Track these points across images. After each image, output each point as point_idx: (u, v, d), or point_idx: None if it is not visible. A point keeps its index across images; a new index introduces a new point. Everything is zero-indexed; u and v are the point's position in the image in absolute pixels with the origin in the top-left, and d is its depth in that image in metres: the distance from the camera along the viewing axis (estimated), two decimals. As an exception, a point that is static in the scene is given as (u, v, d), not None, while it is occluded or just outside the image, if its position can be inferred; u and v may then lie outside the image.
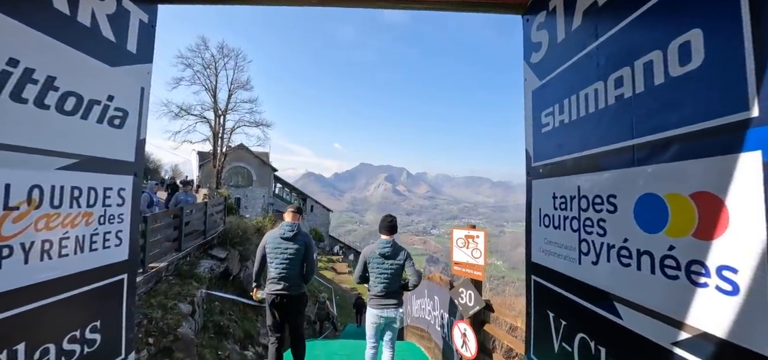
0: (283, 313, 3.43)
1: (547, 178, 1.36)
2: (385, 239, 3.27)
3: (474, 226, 3.14)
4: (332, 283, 25.24)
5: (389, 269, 3.20)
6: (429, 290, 5.43)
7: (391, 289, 3.22)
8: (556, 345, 1.26)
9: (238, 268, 9.92)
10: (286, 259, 3.36)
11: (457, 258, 3.22)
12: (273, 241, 3.41)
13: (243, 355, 7.43)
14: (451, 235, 3.29)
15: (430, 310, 5.26)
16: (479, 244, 3.05)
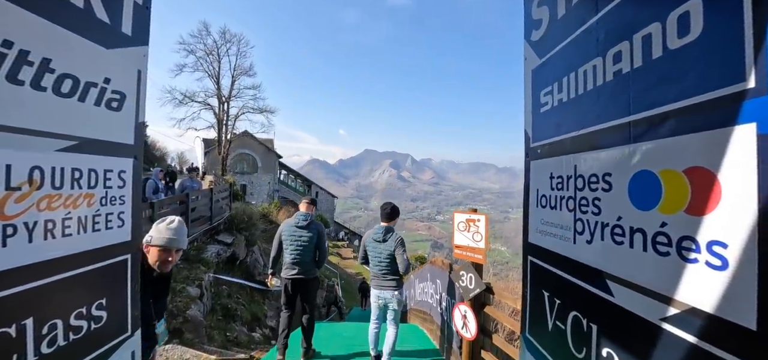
0: (296, 294, 3.80)
1: (545, 158, 1.35)
2: (381, 226, 3.57)
3: (475, 210, 3.14)
4: (338, 267, 25.59)
5: (381, 253, 3.51)
6: (431, 274, 5.48)
7: (385, 271, 3.51)
8: (550, 323, 1.27)
9: (245, 253, 10.08)
10: (300, 246, 3.68)
11: (458, 241, 3.23)
12: (288, 229, 3.75)
13: (250, 336, 7.62)
14: (453, 219, 3.29)
15: (433, 293, 5.32)
16: (480, 228, 3.05)
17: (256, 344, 7.33)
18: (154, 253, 1.88)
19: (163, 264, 1.92)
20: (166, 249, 1.90)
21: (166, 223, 1.95)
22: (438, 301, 4.91)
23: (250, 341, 7.34)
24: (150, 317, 1.95)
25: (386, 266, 3.50)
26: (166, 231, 1.93)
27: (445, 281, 4.57)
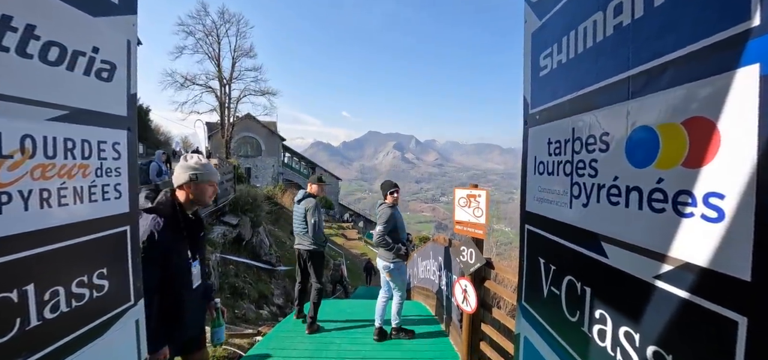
0: (303, 264, 4.34)
1: (543, 124, 1.32)
2: (380, 201, 4.01)
3: (476, 186, 3.12)
4: (343, 248, 25.91)
5: (377, 227, 3.95)
6: (433, 251, 5.52)
7: (378, 243, 3.90)
8: (545, 289, 1.27)
9: (251, 234, 10.23)
10: (296, 219, 4.23)
11: (458, 217, 3.23)
12: (294, 206, 4.35)
13: (258, 314, 7.81)
14: (454, 195, 3.28)
15: (435, 270, 5.37)
16: (481, 204, 3.04)
17: (263, 321, 7.52)
18: (207, 188, 1.91)
19: (210, 197, 1.98)
20: (213, 182, 1.95)
21: (199, 159, 1.94)
22: (440, 277, 4.96)
23: (258, 318, 7.53)
24: (204, 261, 2.04)
25: (378, 237, 3.87)
26: (208, 165, 1.95)
27: (445, 257, 4.60)
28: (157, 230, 1.70)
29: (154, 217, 1.74)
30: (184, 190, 1.88)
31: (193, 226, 1.95)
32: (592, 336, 1.00)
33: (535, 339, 1.35)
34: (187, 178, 1.86)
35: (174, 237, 1.78)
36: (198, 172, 1.89)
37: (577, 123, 1.08)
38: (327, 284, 13.81)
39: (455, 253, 3.26)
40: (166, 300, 1.76)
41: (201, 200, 1.93)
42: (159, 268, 1.70)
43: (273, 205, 17.47)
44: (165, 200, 1.83)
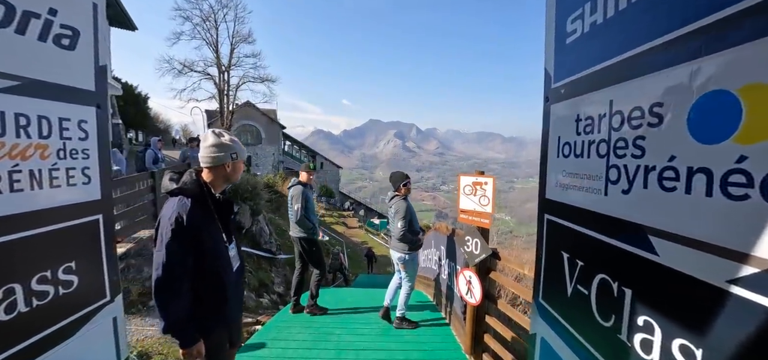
0: (299, 250, 4.36)
1: (570, 98, 1.14)
2: (391, 191, 3.94)
3: (482, 173, 2.95)
4: (343, 236, 25.91)
5: (389, 215, 3.98)
6: (435, 240, 5.39)
7: (392, 233, 3.91)
8: (569, 288, 1.11)
9: (250, 223, 10.11)
10: (290, 209, 4.27)
11: (463, 205, 3.07)
12: None
13: (258, 302, 7.75)
14: (458, 182, 3.11)
15: (437, 260, 5.25)
16: (487, 191, 2.87)
17: (263, 309, 7.46)
18: (241, 167, 1.81)
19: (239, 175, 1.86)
20: (244, 160, 1.83)
21: (230, 136, 1.79)
22: (442, 267, 4.83)
23: (259, 306, 7.47)
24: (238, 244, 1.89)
25: (392, 228, 3.88)
26: (238, 141, 1.81)
27: (448, 247, 4.47)
28: (185, 212, 1.53)
29: (180, 198, 1.58)
30: (219, 170, 1.72)
31: (224, 208, 1.79)
32: (632, 345, 0.85)
33: (555, 341, 1.20)
34: (227, 158, 1.70)
35: (204, 218, 1.62)
36: (237, 150, 1.75)
37: (616, 94, 0.91)
38: (329, 273, 13.78)
39: (460, 243, 3.11)
40: (204, 288, 1.62)
41: (233, 179, 1.81)
42: (190, 253, 1.55)
43: (273, 194, 17.36)
44: (191, 180, 1.66)
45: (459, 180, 3.09)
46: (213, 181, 1.72)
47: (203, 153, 1.71)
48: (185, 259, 1.52)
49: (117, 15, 16.14)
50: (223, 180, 1.75)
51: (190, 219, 1.53)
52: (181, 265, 1.50)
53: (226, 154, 1.69)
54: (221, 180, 1.75)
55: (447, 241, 4.55)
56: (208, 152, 1.69)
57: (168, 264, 1.44)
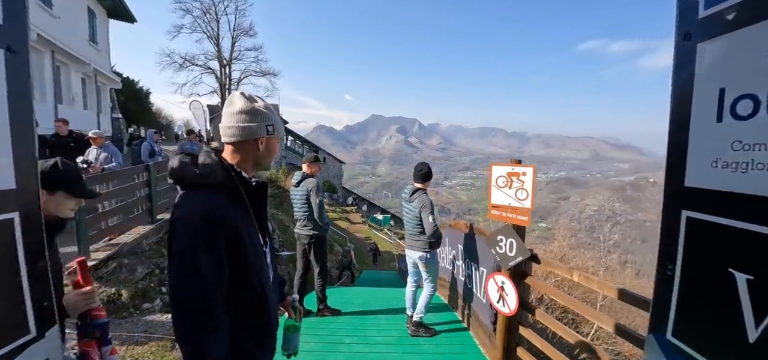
0: (304, 249, 4.09)
1: (743, 28, 0.71)
2: (410, 186, 3.62)
3: (519, 161, 2.51)
4: (347, 232, 25.54)
5: (409, 213, 3.57)
6: (450, 238, 4.96)
7: (412, 232, 3.57)
8: (750, 330, 0.68)
9: (252, 218, 9.76)
10: (296, 203, 3.96)
11: (496, 200, 2.63)
12: (291, 189, 4.06)
13: None
14: (489, 174, 2.67)
15: (452, 259, 4.83)
16: (526, 183, 2.43)
17: None
18: (277, 144, 1.30)
19: None
20: None
21: (264, 102, 1.27)
22: (459, 267, 4.41)
23: None
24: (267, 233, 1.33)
25: (412, 226, 3.55)
26: (272, 110, 1.29)
27: (465, 245, 4.06)
28: (217, 209, 1.07)
29: (205, 193, 1.10)
30: (249, 147, 1.22)
31: (258, 197, 1.25)
32: None
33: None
34: (262, 130, 1.20)
35: (239, 216, 1.14)
36: (274, 121, 1.26)
37: None
38: (333, 270, 13.41)
39: (491, 244, 2.68)
40: (245, 312, 1.16)
41: (266, 163, 1.29)
42: (227, 269, 1.08)
43: (276, 189, 16.99)
44: (213, 164, 1.14)
45: (491, 171, 2.65)
46: (240, 163, 1.21)
47: (228, 122, 1.20)
48: (220, 277, 1.05)
49: (116, 7, 15.73)
50: (252, 162, 1.24)
51: (225, 218, 1.07)
52: (216, 288, 1.04)
53: (261, 124, 1.19)
54: (251, 161, 1.24)
55: (464, 240, 4.12)
56: (236, 121, 1.18)
57: (200, 290, 1.00)
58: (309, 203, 3.86)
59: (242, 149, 1.21)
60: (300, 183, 3.91)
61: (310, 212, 3.88)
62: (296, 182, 3.95)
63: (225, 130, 1.20)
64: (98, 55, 14.61)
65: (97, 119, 14.45)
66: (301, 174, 3.96)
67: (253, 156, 1.23)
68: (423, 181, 3.55)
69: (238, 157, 1.21)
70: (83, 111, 13.69)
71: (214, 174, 1.11)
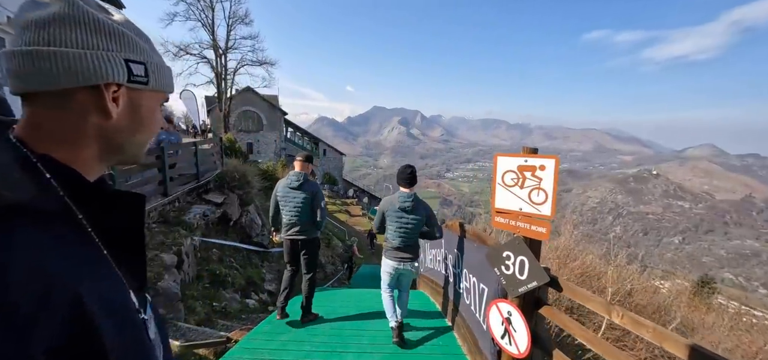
0: (297, 253, 3.73)
1: None
2: (406, 193, 3.14)
3: (535, 151, 1.82)
4: (346, 225, 25.04)
5: (409, 224, 3.14)
6: (446, 240, 4.32)
7: (409, 242, 3.19)
8: None
9: (239, 213, 9.11)
10: (295, 207, 3.55)
11: (501, 203, 1.95)
12: (283, 190, 3.64)
13: (243, 304, 6.77)
14: (494, 166, 1.98)
15: (448, 265, 4.19)
16: (545, 181, 1.76)
17: (249, 312, 6.49)
18: (155, 111, 0.62)
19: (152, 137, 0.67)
20: (166, 92, 0.63)
21: (122, 15, 0.56)
22: (455, 275, 3.78)
23: (243, 309, 6.49)
24: None
25: (410, 237, 3.19)
26: (142, 35, 0.58)
27: (458, 248, 3.47)
28: (36, 269, 0.42)
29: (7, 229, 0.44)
30: (79, 108, 0.52)
31: (116, 219, 0.58)
32: None
33: None
34: (115, 67, 0.52)
35: (85, 270, 0.48)
36: (148, 57, 0.58)
37: None
38: (328, 266, 12.86)
39: (494, 260, 2.00)
40: None
41: (137, 142, 0.60)
42: None
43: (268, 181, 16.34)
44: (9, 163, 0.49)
45: (496, 163, 1.96)
46: (67, 150, 0.52)
47: (22, 44, 0.50)
48: None
49: (101, -9, 14.98)
50: (97, 147, 0.55)
51: (54, 287, 0.42)
52: None
53: (111, 54, 0.52)
54: (89, 145, 0.54)
55: (458, 243, 3.49)
56: (44, 41, 0.49)
57: None
58: (311, 208, 3.57)
59: (61, 114, 0.51)
60: (301, 185, 3.54)
61: (309, 218, 3.59)
62: (296, 184, 3.53)
63: (16, 64, 0.49)
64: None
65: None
66: (300, 175, 3.56)
67: (93, 131, 0.53)
68: (413, 185, 3.18)
69: (56, 136, 0.52)
70: None
71: (23, 194, 0.46)
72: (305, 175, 3.59)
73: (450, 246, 4.00)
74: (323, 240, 17.25)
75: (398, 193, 3.18)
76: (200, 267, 6.64)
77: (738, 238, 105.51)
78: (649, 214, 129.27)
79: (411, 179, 3.13)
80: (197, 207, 7.35)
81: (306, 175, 3.61)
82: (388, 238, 3.23)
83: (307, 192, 3.53)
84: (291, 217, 3.57)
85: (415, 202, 3.11)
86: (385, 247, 3.30)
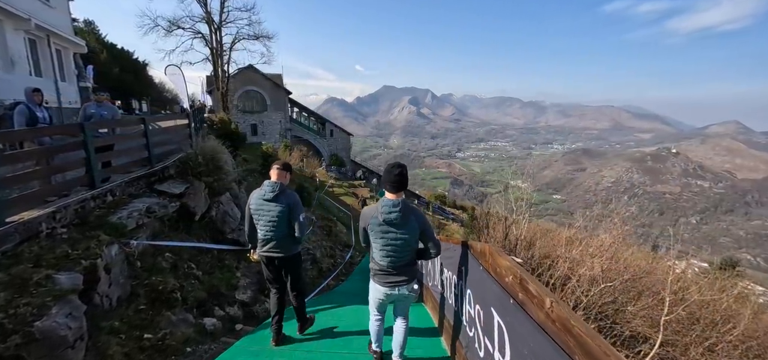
0: (277, 272, 3.48)
1: None
2: (390, 200, 2.46)
3: None
4: (352, 209, 23.40)
5: (398, 240, 2.47)
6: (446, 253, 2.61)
7: (402, 262, 2.54)
8: None
9: (206, 206, 7.46)
10: (270, 222, 3.27)
11: None
12: (256, 202, 3.33)
13: (198, 325, 5.14)
14: None
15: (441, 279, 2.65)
16: None
17: (204, 337, 4.86)
18: None
19: None
20: None
21: None
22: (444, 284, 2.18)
23: (197, 334, 4.87)
24: None
25: (402, 255, 2.51)
26: None
27: (459, 265, 2.65)
28: None
29: None
30: None
31: None
32: None
33: None
34: None
35: None
36: None
37: None
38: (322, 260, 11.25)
39: None
40: None
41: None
42: None
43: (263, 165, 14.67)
44: None
45: None
46: None
47: None
48: None
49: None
50: None
51: None
52: None
53: None
54: None
55: (460, 259, 2.66)
56: None
57: None
58: (288, 222, 3.28)
59: None
60: (277, 197, 3.23)
61: (287, 232, 3.30)
62: (271, 196, 3.22)
63: None
64: (48, 12, 12.21)
65: (55, 88, 12.29)
66: (275, 185, 3.24)
67: None
68: (402, 189, 2.48)
69: None
70: (33, 78, 11.49)
71: None
72: (281, 185, 3.27)
73: (451, 265, 2.84)
74: (324, 228, 15.64)
75: (382, 200, 2.52)
76: (137, 282, 5.01)
77: (759, 218, 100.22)
78: (667, 193, 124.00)
79: (399, 182, 2.46)
80: (140, 201, 5.68)
81: (282, 184, 3.28)
82: (374, 257, 2.65)
83: (282, 204, 3.23)
84: (266, 232, 3.30)
85: (403, 211, 2.43)
86: (371, 268, 2.72)
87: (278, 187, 3.22)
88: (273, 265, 3.43)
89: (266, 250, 3.34)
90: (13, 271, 3.63)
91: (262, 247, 3.36)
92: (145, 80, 32.21)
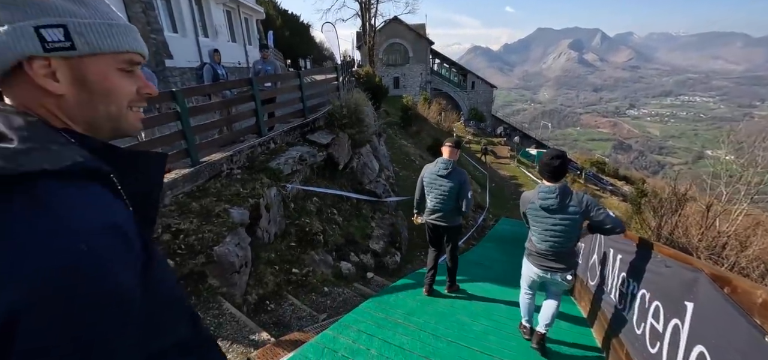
0: (439, 237, 3.75)
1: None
2: (548, 186, 2.48)
3: None
4: (489, 169, 21.39)
5: (557, 226, 2.46)
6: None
7: (562, 249, 2.50)
8: None
9: (349, 157, 7.70)
10: (441, 195, 3.52)
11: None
12: (429, 175, 3.60)
13: (336, 268, 5.40)
14: None
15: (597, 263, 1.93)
16: None
17: (339, 280, 5.04)
18: (107, 74, 0.52)
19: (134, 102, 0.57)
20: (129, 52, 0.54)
21: None
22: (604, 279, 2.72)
23: (334, 276, 5.10)
24: None
25: (562, 244, 2.50)
26: None
27: (632, 262, 2.42)
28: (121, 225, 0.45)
29: (81, 186, 0.43)
30: (28, 91, 0.48)
31: (134, 175, 0.53)
32: None
33: None
34: (25, 38, 0.46)
35: None
36: (81, 13, 0.49)
37: None
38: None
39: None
40: None
41: (107, 121, 0.55)
42: None
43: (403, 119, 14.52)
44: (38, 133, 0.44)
45: None
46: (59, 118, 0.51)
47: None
48: None
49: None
50: (75, 120, 0.52)
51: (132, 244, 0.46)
52: None
53: (6, 29, 0.45)
54: (69, 120, 0.51)
55: (637, 255, 2.41)
56: None
57: None
58: (457, 197, 3.47)
59: (22, 96, 0.50)
60: (449, 174, 3.46)
61: (454, 205, 3.51)
62: (445, 172, 3.47)
63: None
64: (238, -15, 14.59)
65: (244, 51, 15.04)
66: (448, 163, 3.48)
67: (57, 110, 0.51)
68: (560, 179, 2.49)
69: None
70: (230, 44, 14.16)
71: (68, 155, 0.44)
72: (453, 163, 3.51)
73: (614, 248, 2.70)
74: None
75: (539, 186, 2.55)
76: (290, 221, 5.51)
77: None
78: None
79: (557, 172, 2.46)
80: (294, 149, 6.16)
81: (454, 163, 3.52)
82: (532, 239, 2.67)
83: (454, 181, 3.46)
84: (436, 203, 3.57)
85: (560, 196, 2.40)
86: (527, 248, 2.75)
87: (451, 165, 3.47)
88: (437, 232, 3.72)
89: (433, 218, 3.64)
90: (203, 203, 4.26)
91: (430, 215, 3.66)
92: (309, 41, 36.87)
